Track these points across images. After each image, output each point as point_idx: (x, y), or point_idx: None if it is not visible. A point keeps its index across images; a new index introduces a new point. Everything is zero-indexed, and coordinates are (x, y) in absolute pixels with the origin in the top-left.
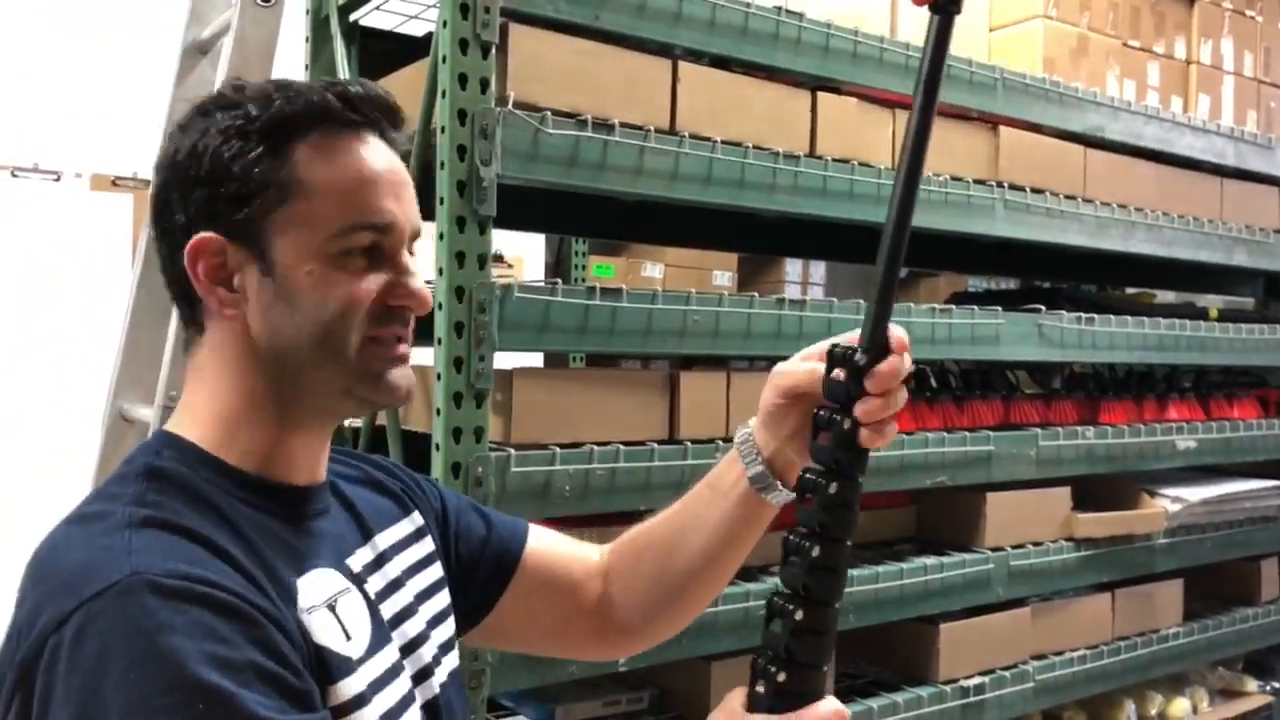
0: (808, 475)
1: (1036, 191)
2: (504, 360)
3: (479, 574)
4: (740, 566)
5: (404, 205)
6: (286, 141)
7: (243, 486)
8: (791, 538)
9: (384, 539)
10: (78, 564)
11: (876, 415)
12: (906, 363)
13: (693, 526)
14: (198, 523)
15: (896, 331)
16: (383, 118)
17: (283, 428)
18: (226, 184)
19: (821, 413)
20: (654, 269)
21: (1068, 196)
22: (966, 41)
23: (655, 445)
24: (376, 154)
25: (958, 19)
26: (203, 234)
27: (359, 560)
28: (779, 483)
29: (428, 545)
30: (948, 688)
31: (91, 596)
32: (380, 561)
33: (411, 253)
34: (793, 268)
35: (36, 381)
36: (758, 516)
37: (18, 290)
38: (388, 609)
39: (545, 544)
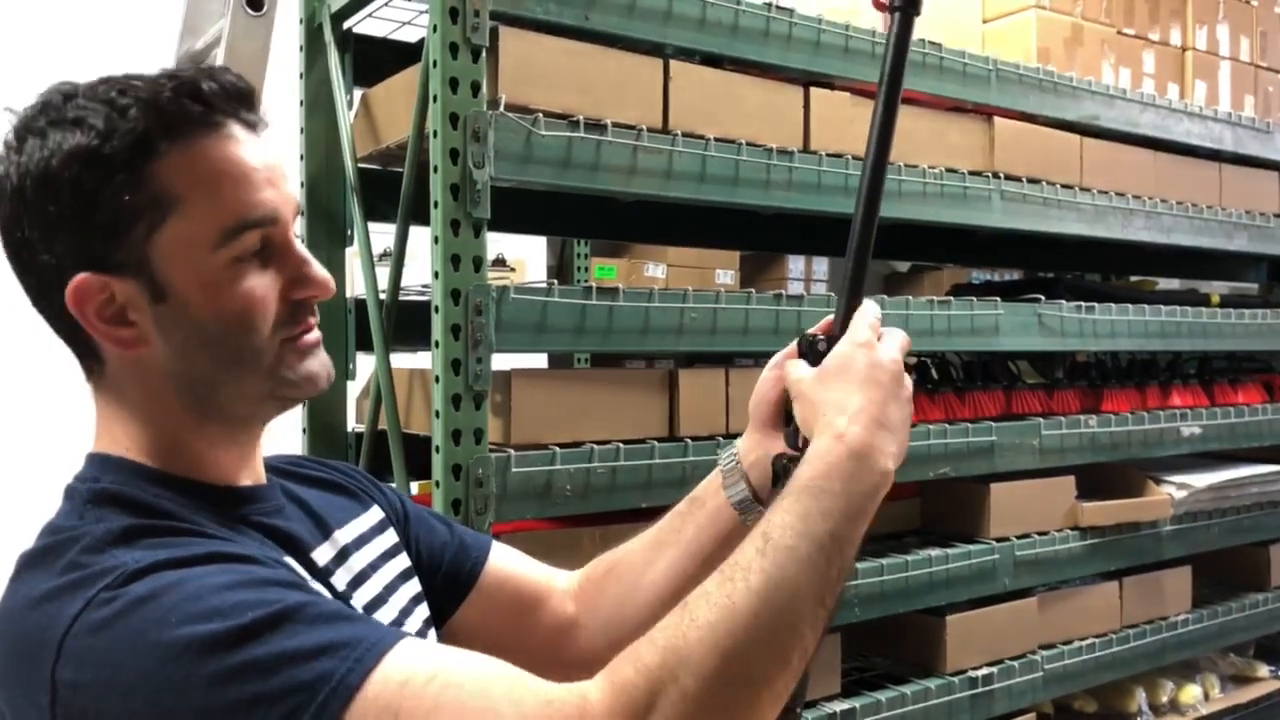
0: (781, 460)
1: (1033, 181)
2: (505, 361)
3: (438, 580)
4: None
5: (280, 189)
6: (148, 158)
7: (189, 494)
8: None
9: (344, 534)
10: (56, 587)
11: None
12: None
13: (669, 542)
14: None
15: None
16: (239, 105)
17: (211, 442)
18: (94, 217)
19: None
20: (656, 269)
21: (1065, 186)
22: (960, 33)
23: (655, 443)
24: (242, 146)
25: (948, 11)
26: (80, 276)
27: (322, 556)
28: (761, 506)
29: (391, 537)
30: (956, 679)
31: (89, 600)
32: (343, 556)
33: (294, 231)
34: (795, 265)
35: (39, 392)
36: (738, 536)
37: (20, 302)
38: (358, 600)
39: (508, 560)
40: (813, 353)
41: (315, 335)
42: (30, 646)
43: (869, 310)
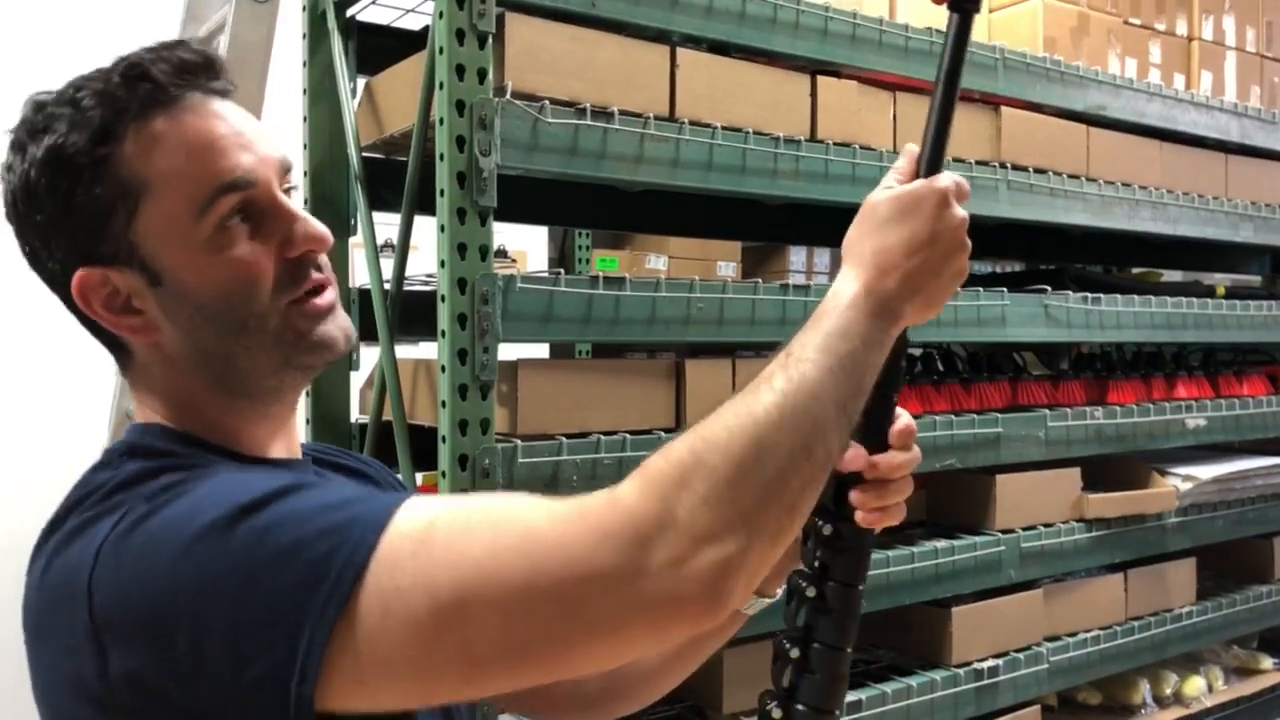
0: (794, 578)
1: (1039, 171)
2: (509, 351)
3: None
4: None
5: (256, 150)
6: (109, 149)
7: (225, 457)
8: (781, 640)
9: None
10: (88, 518)
11: (871, 504)
12: (914, 455)
13: None
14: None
15: (901, 421)
16: (194, 76)
17: (243, 416)
18: (75, 216)
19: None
20: (658, 261)
21: (1071, 176)
22: None
23: (662, 433)
24: (204, 116)
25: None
26: (80, 272)
27: None
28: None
29: None
30: (961, 670)
31: (117, 521)
32: None
33: (286, 189)
34: (797, 256)
35: (45, 385)
36: (726, 622)
37: (26, 296)
38: None
39: None
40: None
41: (327, 299)
42: (66, 575)
43: (951, 177)
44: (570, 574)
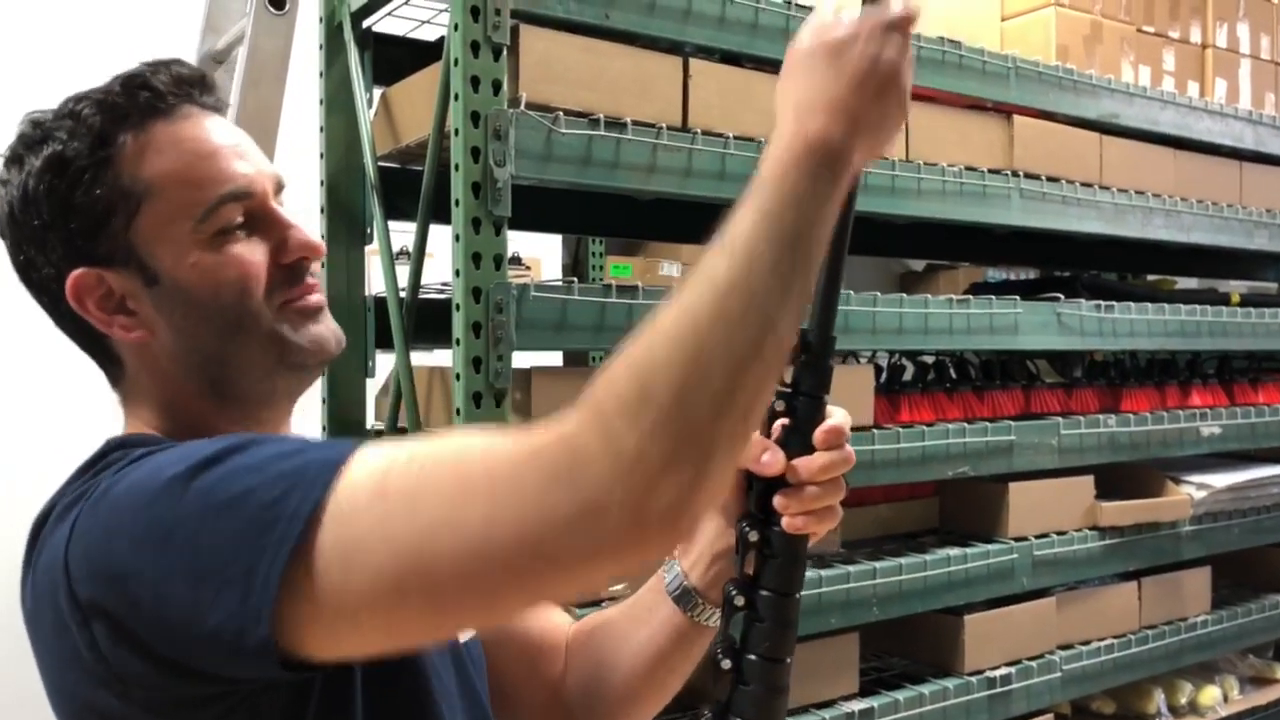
0: (727, 586)
1: (1052, 180)
2: (524, 360)
3: None
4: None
5: (253, 162)
6: (109, 152)
7: None
8: (714, 649)
9: None
10: (71, 499)
11: (794, 509)
12: (841, 455)
13: (643, 619)
14: None
15: (833, 419)
16: (192, 89)
17: (234, 422)
18: (74, 218)
19: (743, 524)
20: (671, 268)
21: (1084, 184)
22: (979, 30)
23: None
24: (203, 126)
25: (966, 8)
26: (75, 273)
27: None
28: (698, 597)
29: None
30: (974, 679)
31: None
32: None
33: (280, 204)
34: None
35: (57, 393)
36: (690, 637)
37: (26, 311)
38: None
39: None
40: (769, 412)
41: (318, 299)
42: (50, 559)
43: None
44: (526, 517)
